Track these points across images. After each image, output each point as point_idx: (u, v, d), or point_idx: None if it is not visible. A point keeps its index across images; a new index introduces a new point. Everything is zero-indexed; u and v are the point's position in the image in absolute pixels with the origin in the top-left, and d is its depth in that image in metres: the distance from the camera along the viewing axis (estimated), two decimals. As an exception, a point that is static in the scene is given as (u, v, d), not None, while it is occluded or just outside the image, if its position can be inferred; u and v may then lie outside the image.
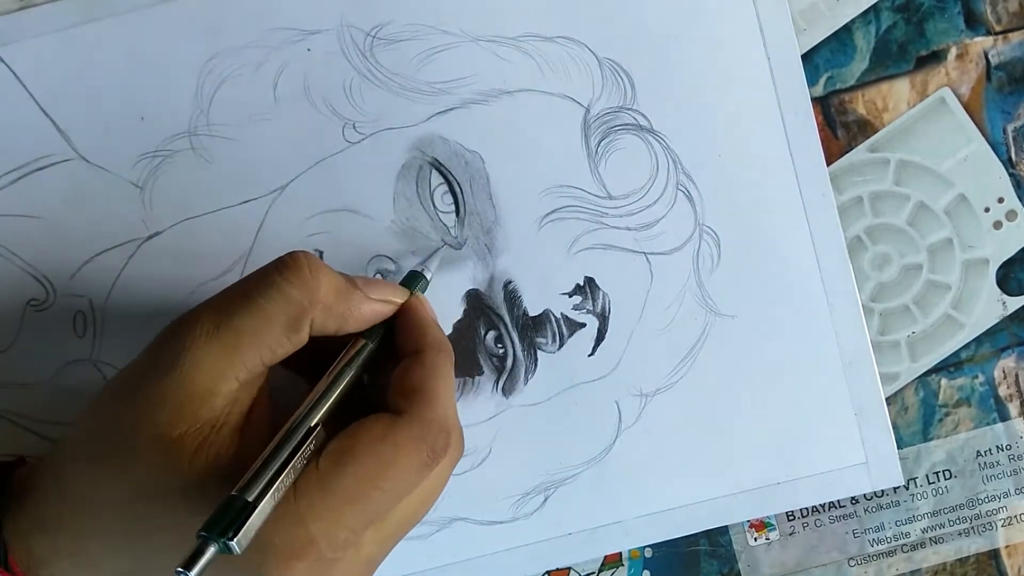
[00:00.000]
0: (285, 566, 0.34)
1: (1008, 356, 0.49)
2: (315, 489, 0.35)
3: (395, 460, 0.36)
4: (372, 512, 0.36)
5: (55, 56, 0.47)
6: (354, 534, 0.36)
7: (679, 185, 0.48)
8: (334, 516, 0.35)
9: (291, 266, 0.37)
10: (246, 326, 0.36)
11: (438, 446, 0.37)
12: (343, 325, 0.39)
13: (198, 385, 0.36)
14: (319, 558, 0.35)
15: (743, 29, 0.48)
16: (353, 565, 0.37)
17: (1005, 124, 0.49)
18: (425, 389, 0.38)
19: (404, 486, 0.36)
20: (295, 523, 0.34)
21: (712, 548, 0.49)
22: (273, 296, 0.37)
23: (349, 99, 0.47)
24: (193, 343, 0.36)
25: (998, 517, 0.49)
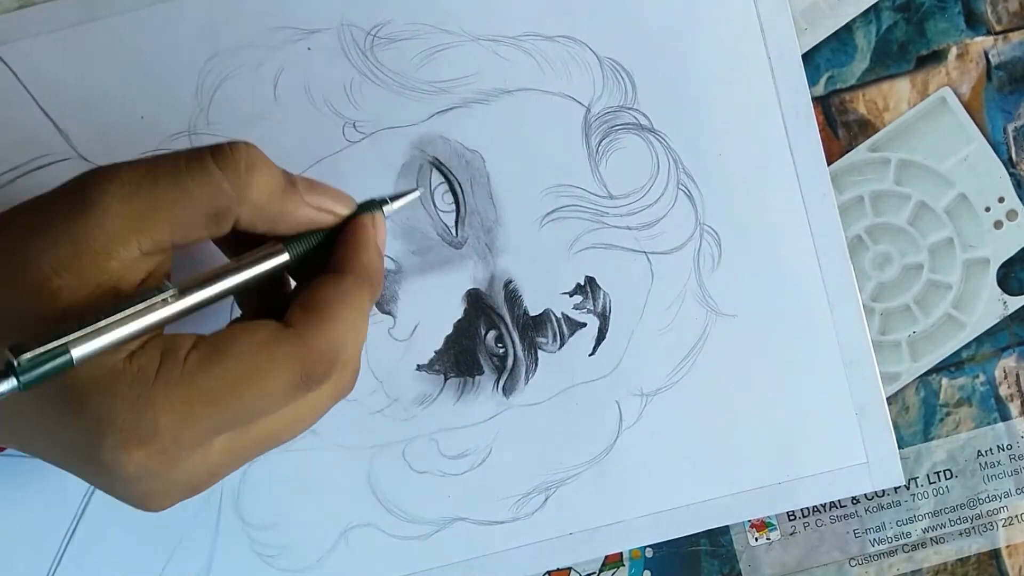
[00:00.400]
0: (122, 448, 0.33)
1: (1009, 356, 0.49)
2: (175, 380, 0.33)
3: (266, 373, 0.34)
4: (229, 419, 0.34)
5: (55, 55, 0.47)
6: (204, 436, 0.34)
7: (680, 184, 0.48)
8: (187, 413, 0.33)
9: (227, 155, 0.35)
10: (165, 200, 0.34)
11: (316, 372, 0.35)
12: (274, 227, 0.37)
13: (96, 241, 0.33)
14: (161, 451, 0.33)
15: (744, 28, 0.48)
16: (197, 467, 0.35)
17: (1005, 124, 0.49)
18: (324, 311, 0.36)
19: (269, 403, 0.35)
20: (144, 407, 0.33)
21: (713, 548, 0.49)
22: (201, 179, 0.35)
23: (349, 98, 0.47)
24: (105, 197, 0.34)
25: (999, 517, 0.49)
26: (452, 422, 0.48)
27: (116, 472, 0.33)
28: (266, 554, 0.48)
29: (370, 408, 0.47)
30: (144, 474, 0.34)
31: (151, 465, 0.33)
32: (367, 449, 0.47)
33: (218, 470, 0.36)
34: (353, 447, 0.47)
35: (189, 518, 0.47)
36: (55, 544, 0.47)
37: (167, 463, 0.34)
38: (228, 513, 0.47)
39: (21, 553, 0.47)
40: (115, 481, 0.34)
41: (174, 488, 0.36)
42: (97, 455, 0.33)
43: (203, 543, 0.47)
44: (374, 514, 0.48)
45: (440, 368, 0.48)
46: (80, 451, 0.34)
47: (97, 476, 0.35)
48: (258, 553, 0.47)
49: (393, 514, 0.48)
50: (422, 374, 0.47)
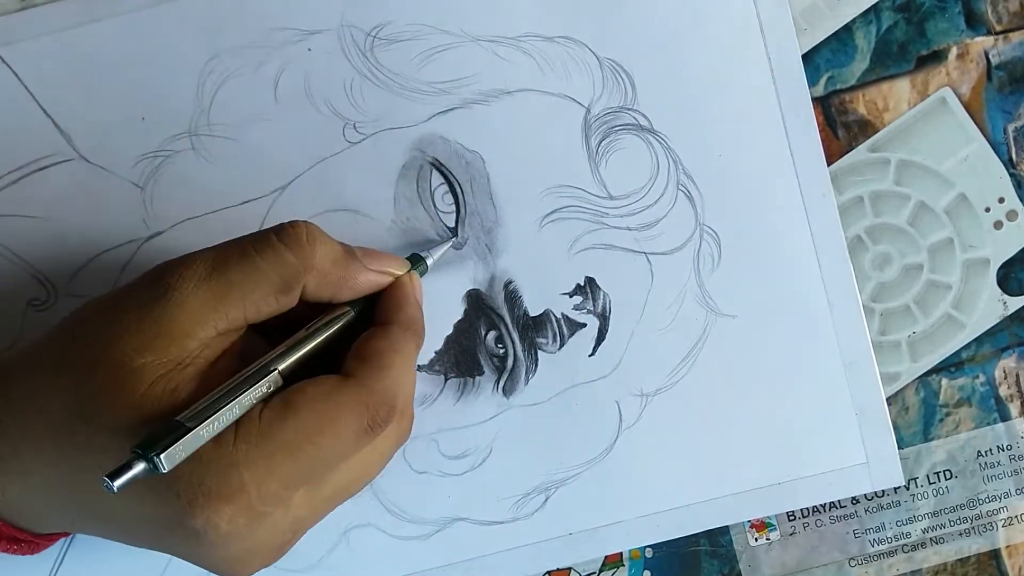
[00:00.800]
0: (213, 507, 0.34)
1: (1009, 356, 0.49)
2: (254, 437, 0.35)
3: (335, 420, 0.36)
4: (306, 470, 0.36)
5: (56, 56, 0.47)
6: (285, 489, 0.36)
7: (679, 185, 0.48)
8: (268, 466, 0.35)
9: (289, 233, 0.38)
10: (238, 280, 0.37)
11: (379, 416, 0.37)
12: (337, 293, 0.40)
13: (177, 324, 0.36)
14: (248, 507, 0.35)
15: (744, 29, 0.48)
16: (280, 524, 0.37)
17: (1006, 124, 0.49)
18: (379, 359, 0.39)
19: (341, 449, 0.37)
20: (229, 466, 0.35)
21: (713, 548, 0.49)
22: (268, 257, 0.38)
23: (350, 99, 0.47)
24: (183, 283, 0.37)
25: (999, 517, 0.49)
26: (452, 422, 0.48)
27: (207, 535, 0.35)
28: (267, 554, 0.48)
29: (370, 408, 0.48)
30: (233, 533, 0.35)
31: (240, 522, 0.35)
32: (367, 449, 0.48)
33: (299, 525, 0.38)
34: (353, 447, 0.47)
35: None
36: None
37: (254, 520, 0.35)
38: (229, 513, 0.47)
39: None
40: (205, 546, 0.36)
41: (260, 548, 0.37)
42: (188, 521, 0.35)
43: (204, 543, 0.48)
44: (374, 514, 0.48)
45: (440, 368, 0.48)
46: (169, 521, 0.35)
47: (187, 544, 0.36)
48: (259, 553, 0.48)
49: (393, 514, 0.48)
50: (422, 374, 0.48)
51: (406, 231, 0.47)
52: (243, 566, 0.37)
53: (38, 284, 0.47)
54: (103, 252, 0.47)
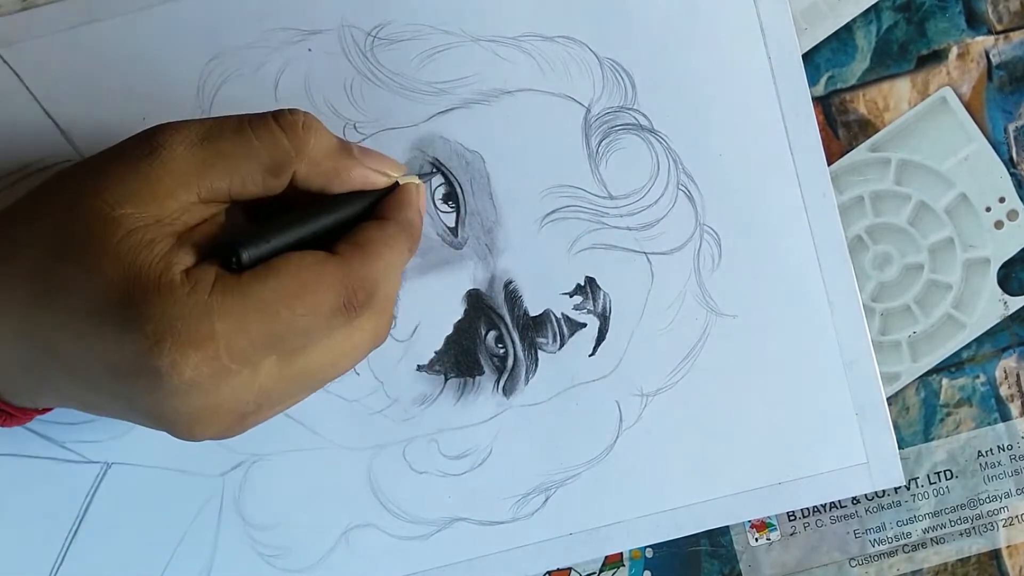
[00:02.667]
0: (179, 350, 0.35)
1: (1009, 356, 0.49)
2: (231, 290, 0.35)
3: (312, 289, 0.36)
4: (278, 335, 0.36)
5: (57, 57, 0.47)
6: (254, 350, 0.36)
7: (680, 185, 0.48)
8: (241, 321, 0.35)
9: (287, 117, 0.38)
10: (228, 151, 0.37)
11: (357, 298, 0.37)
12: (328, 184, 0.39)
13: (160, 183, 0.36)
14: (215, 356, 0.35)
15: (744, 29, 0.48)
16: (245, 389, 0.37)
17: (1006, 124, 0.49)
18: (369, 246, 0.39)
19: (315, 322, 0.37)
20: (202, 313, 0.35)
21: (713, 548, 0.49)
22: (263, 135, 0.38)
23: (350, 99, 0.47)
24: (173, 144, 0.37)
25: (999, 517, 0.49)
26: (452, 422, 0.48)
27: (170, 379, 0.35)
28: (267, 554, 0.48)
29: (370, 408, 0.48)
30: (196, 383, 0.35)
31: (203, 371, 0.35)
32: (367, 449, 0.48)
33: (263, 398, 0.38)
34: (353, 447, 0.47)
35: (190, 518, 0.47)
36: (58, 544, 0.47)
37: (218, 373, 0.35)
38: (229, 513, 0.48)
39: (24, 553, 0.47)
40: (165, 392, 0.36)
41: (220, 410, 0.37)
42: (153, 361, 0.35)
43: (204, 543, 0.48)
44: (374, 514, 0.48)
45: (440, 368, 0.48)
46: (134, 362, 0.35)
47: (148, 392, 0.36)
48: (259, 553, 0.48)
49: (393, 514, 0.48)
50: (422, 374, 0.48)
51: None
52: (200, 426, 0.37)
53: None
54: (103, 252, 0.47)
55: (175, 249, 0.36)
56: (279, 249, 0.37)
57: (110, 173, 0.37)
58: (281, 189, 0.39)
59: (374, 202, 0.41)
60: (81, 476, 0.47)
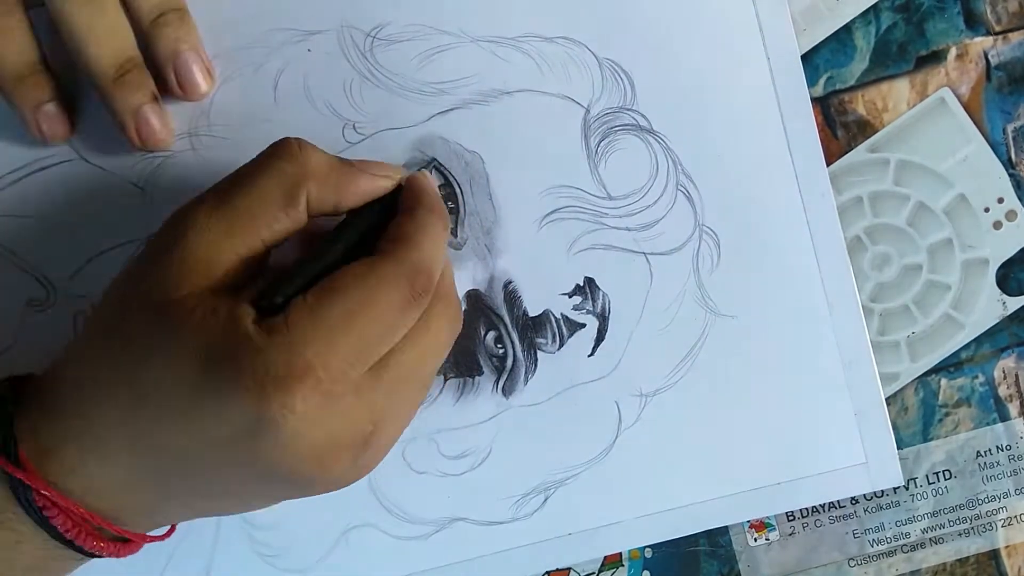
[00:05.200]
0: (285, 390, 0.35)
1: (1008, 356, 0.49)
2: (306, 318, 0.36)
3: (377, 291, 0.37)
4: (363, 343, 0.37)
5: (56, 57, 0.47)
6: (350, 366, 0.36)
7: (679, 185, 0.48)
8: (327, 343, 0.36)
9: (282, 146, 0.39)
10: (243, 204, 0.38)
11: (418, 285, 0.38)
12: (341, 200, 0.40)
13: (199, 257, 0.37)
14: (317, 383, 0.35)
15: (743, 29, 0.48)
16: (356, 409, 0.37)
17: (1005, 124, 0.49)
18: (408, 237, 0.39)
19: (390, 319, 0.37)
20: (289, 350, 0.35)
21: (712, 548, 0.49)
22: (267, 172, 0.39)
23: (349, 99, 0.47)
24: (196, 221, 0.38)
25: (998, 517, 0.49)
26: (452, 422, 0.48)
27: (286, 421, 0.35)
28: (266, 554, 0.48)
29: (370, 408, 0.48)
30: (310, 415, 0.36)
31: (313, 402, 0.35)
32: (367, 449, 0.48)
33: (377, 414, 0.38)
34: (353, 447, 0.47)
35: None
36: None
37: (327, 400, 0.36)
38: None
39: (23, 553, 0.47)
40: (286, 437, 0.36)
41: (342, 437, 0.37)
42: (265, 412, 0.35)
43: (204, 543, 0.48)
44: (374, 514, 0.48)
45: (440, 368, 0.48)
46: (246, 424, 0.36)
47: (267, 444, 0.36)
48: (258, 553, 0.48)
49: (393, 514, 0.48)
50: (422, 375, 0.48)
51: (405, 231, 0.47)
52: (331, 459, 0.37)
53: (37, 284, 0.47)
54: (103, 252, 0.47)
55: (237, 306, 0.36)
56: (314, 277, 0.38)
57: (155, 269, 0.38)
58: (304, 217, 0.39)
59: (388, 206, 0.41)
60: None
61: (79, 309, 0.47)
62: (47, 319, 0.47)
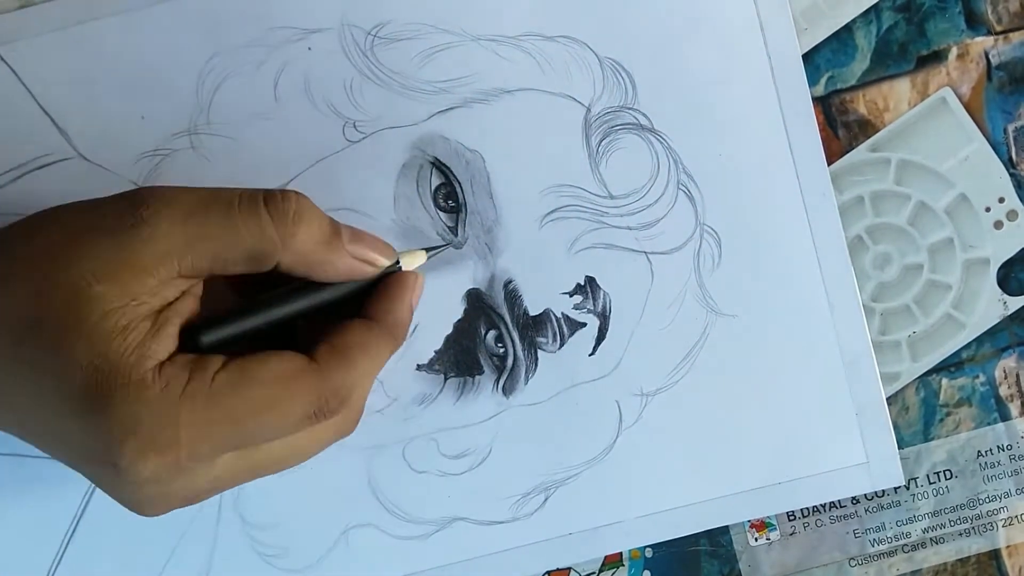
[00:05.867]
0: (141, 452, 0.34)
1: (1009, 356, 0.49)
2: (202, 397, 0.35)
3: (284, 401, 0.36)
4: (243, 440, 0.36)
5: (55, 55, 0.47)
6: (216, 452, 0.36)
7: (680, 184, 0.48)
8: (206, 429, 0.35)
9: (278, 205, 0.37)
10: (214, 234, 0.36)
11: (329, 406, 0.37)
12: (312, 273, 0.39)
13: (140, 258, 0.35)
14: (175, 460, 0.35)
15: (744, 29, 0.48)
16: (200, 480, 0.37)
17: (1006, 124, 0.49)
18: (349, 353, 0.38)
19: (282, 429, 0.37)
20: (167, 419, 0.35)
21: (713, 548, 0.49)
22: (250, 223, 0.37)
23: (350, 98, 0.47)
24: (157, 219, 0.36)
25: (999, 517, 0.49)
26: (452, 422, 0.48)
27: (128, 476, 0.35)
28: (266, 554, 0.48)
29: (370, 408, 0.47)
30: (154, 480, 0.35)
31: (161, 472, 0.35)
32: (367, 449, 0.48)
33: (218, 484, 0.38)
34: (353, 447, 0.47)
35: (189, 518, 0.47)
36: (55, 544, 0.47)
37: (176, 472, 0.35)
38: (228, 513, 0.47)
39: (21, 553, 0.47)
40: (124, 484, 0.36)
41: (175, 496, 0.37)
42: (115, 459, 0.35)
43: (203, 543, 0.47)
44: (374, 514, 0.48)
45: (440, 368, 0.48)
46: (96, 453, 0.35)
47: (107, 478, 0.36)
48: (258, 553, 0.48)
49: (393, 514, 0.48)
50: (422, 374, 0.48)
51: (406, 230, 0.47)
52: (151, 508, 0.37)
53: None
54: (102, 251, 0.47)
55: (149, 337, 0.35)
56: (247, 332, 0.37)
57: (91, 241, 0.36)
58: (263, 271, 0.38)
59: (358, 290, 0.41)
60: (80, 476, 0.47)
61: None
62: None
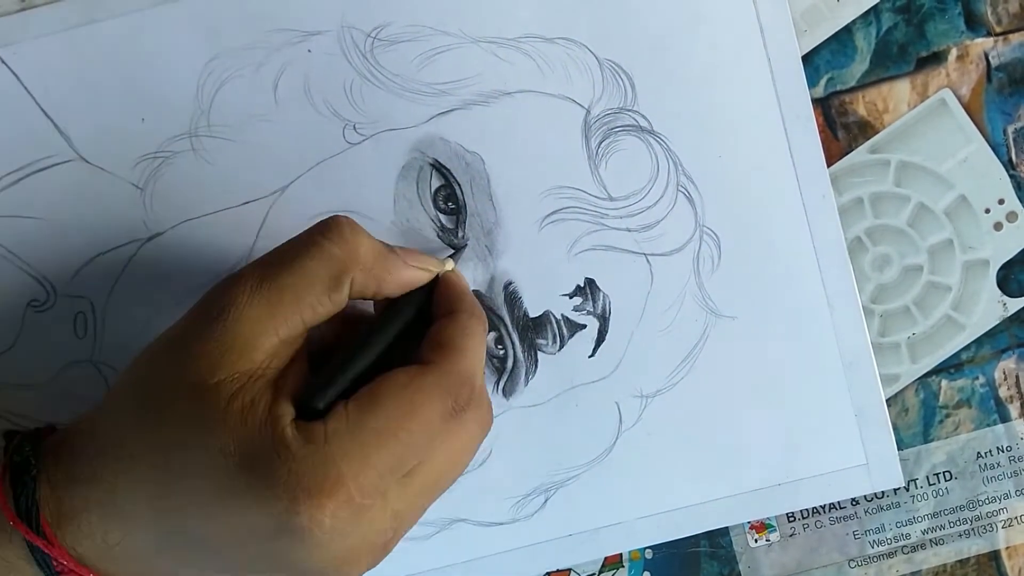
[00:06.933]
0: (315, 502, 0.35)
1: (1008, 357, 0.49)
2: (344, 431, 0.36)
3: (420, 404, 0.37)
4: (399, 458, 0.36)
5: (56, 57, 0.47)
6: (382, 480, 0.36)
7: (679, 186, 0.48)
8: (362, 457, 0.35)
9: (333, 227, 0.39)
10: (288, 283, 0.38)
11: (462, 398, 0.38)
12: (381, 287, 0.40)
13: (239, 338, 0.37)
14: (348, 499, 0.35)
15: (744, 30, 0.48)
16: (381, 518, 0.37)
17: (1005, 125, 0.49)
18: (454, 344, 0.39)
19: (429, 433, 0.37)
20: (324, 462, 0.35)
21: (712, 549, 0.49)
22: (315, 254, 0.38)
23: (350, 100, 0.47)
24: (237, 298, 0.37)
25: (998, 519, 0.49)
26: (452, 423, 0.48)
27: (312, 534, 0.35)
28: (267, 555, 0.48)
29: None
30: (337, 529, 0.35)
31: (342, 516, 0.35)
32: (367, 450, 0.48)
33: (398, 521, 0.38)
34: (353, 448, 0.47)
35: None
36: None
37: (355, 513, 0.36)
38: (229, 514, 0.47)
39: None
40: (311, 547, 0.36)
41: (364, 545, 0.37)
42: (293, 520, 0.35)
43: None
44: (374, 515, 0.48)
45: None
46: (272, 527, 0.35)
47: (293, 550, 0.36)
48: (259, 554, 0.48)
49: (393, 515, 0.48)
50: (422, 375, 0.47)
51: (406, 232, 0.47)
52: (350, 567, 0.37)
53: (37, 285, 0.47)
54: (103, 253, 0.47)
55: (276, 402, 0.36)
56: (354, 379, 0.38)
57: (192, 347, 0.37)
58: (345, 302, 0.39)
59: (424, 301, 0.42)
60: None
61: (79, 310, 0.47)
62: (47, 320, 0.47)
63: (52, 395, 0.47)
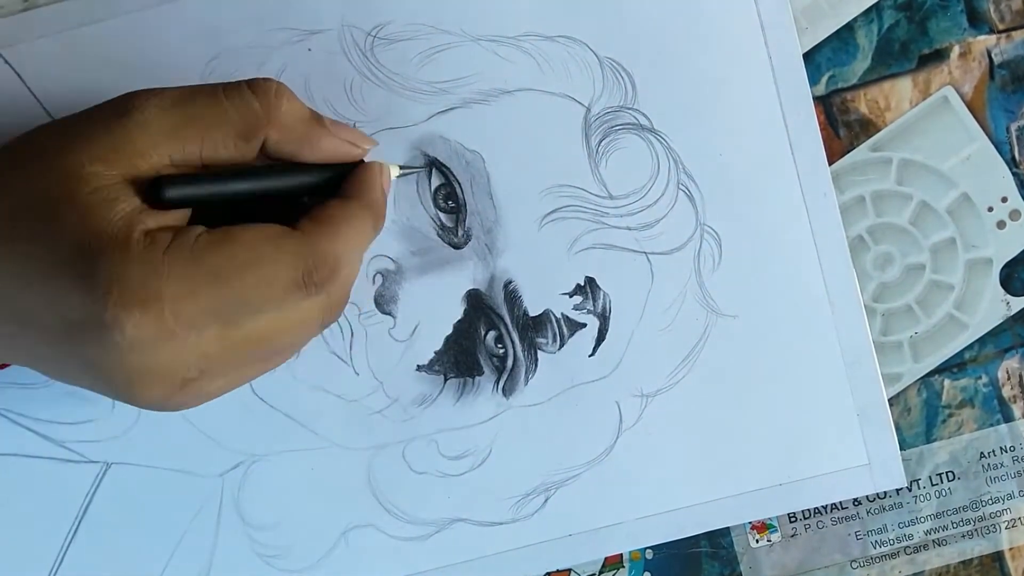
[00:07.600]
0: (123, 306, 0.35)
1: (1012, 357, 0.49)
2: (185, 254, 0.36)
3: (267, 261, 0.37)
4: (227, 304, 0.36)
5: (58, 57, 0.47)
6: (201, 315, 0.36)
7: (680, 185, 0.48)
8: (190, 287, 0.35)
9: (260, 84, 0.39)
10: (201, 114, 0.38)
11: (317, 275, 0.38)
12: (299, 151, 0.40)
13: (132, 143, 0.37)
14: (158, 318, 0.35)
15: (745, 28, 0.47)
16: (187, 353, 0.36)
17: (1008, 123, 0.48)
18: (331, 222, 0.39)
19: (268, 294, 0.37)
20: (151, 274, 0.35)
21: (713, 550, 0.49)
22: (235, 100, 0.38)
23: (350, 99, 0.47)
24: (147, 106, 0.37)
25: (1002, 519, 0.49)
26: (452, 423, 0.48)
27: (111, 334, 0.35)
28: (266, 554, 0.48)
29: (370, 408, 0.48)
30: (137, 341, 0.35)
31: (146, 331, 0.35)
32: (367, 449, 0.48)
33: (206, 364, 0.37)
34: (353, 447, 0.47)
35: (189, 518, 0.47)
36: (57, 544, 0.47)
37: (160, 335, 0.35)
38: (228, 513, 0.48)
39: (23, 553, 0.47)
40: (107, 347, 0.35)
41: (161, 372, 0.37)
42: (98, 314, 0.35)
43: (203, 543, 0.48)
44: (374, 514, 0.48)
45: (440, 368, 0.48)
46: (80, 314, 0.35)
47: (91, 343, 0.36)
48: (258, 553, 0.48)
49: (393, 514, 0.48)
50: (422, 374, 0.48)
51: (406, 231, 0.47)
52: (140, 385, 0.37)
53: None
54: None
55: (140, 210, 0.36)
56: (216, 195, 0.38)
57: (82, 132, 0.37)
58: (252, 155, 0.39)
59: (335, 177, 0.41)
60: (81, 476, 0.47)
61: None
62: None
63: (52, 394, 0.47)
